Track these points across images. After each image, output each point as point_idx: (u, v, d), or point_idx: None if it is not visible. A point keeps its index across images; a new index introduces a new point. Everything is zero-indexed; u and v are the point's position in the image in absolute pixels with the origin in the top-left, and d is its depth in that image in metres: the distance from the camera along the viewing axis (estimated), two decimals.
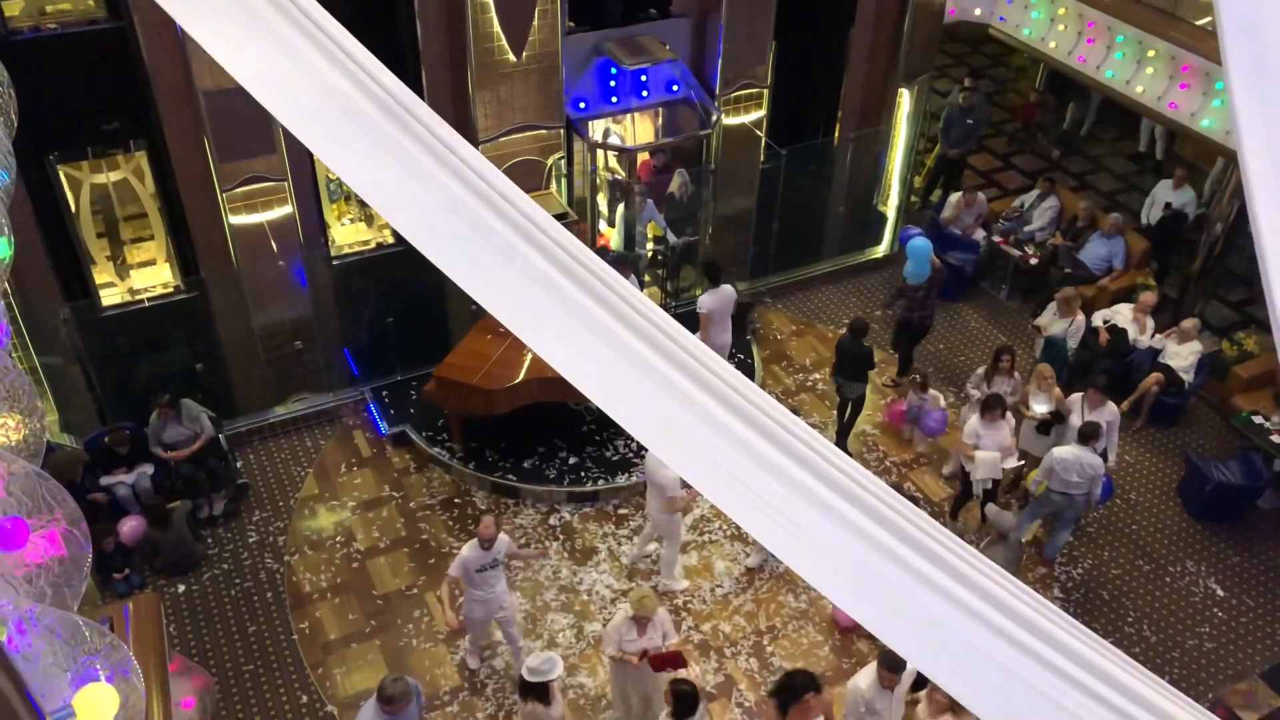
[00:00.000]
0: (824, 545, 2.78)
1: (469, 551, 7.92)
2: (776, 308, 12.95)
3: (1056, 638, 2.75)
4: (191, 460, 9.68)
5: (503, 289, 2.83)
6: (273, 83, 2.85)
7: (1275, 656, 9.17)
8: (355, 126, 2.83)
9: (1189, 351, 11.01)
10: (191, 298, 10.17)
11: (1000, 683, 2.82)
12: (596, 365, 2.86)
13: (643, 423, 2.94)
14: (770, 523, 2.80)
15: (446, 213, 2.80)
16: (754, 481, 2.80)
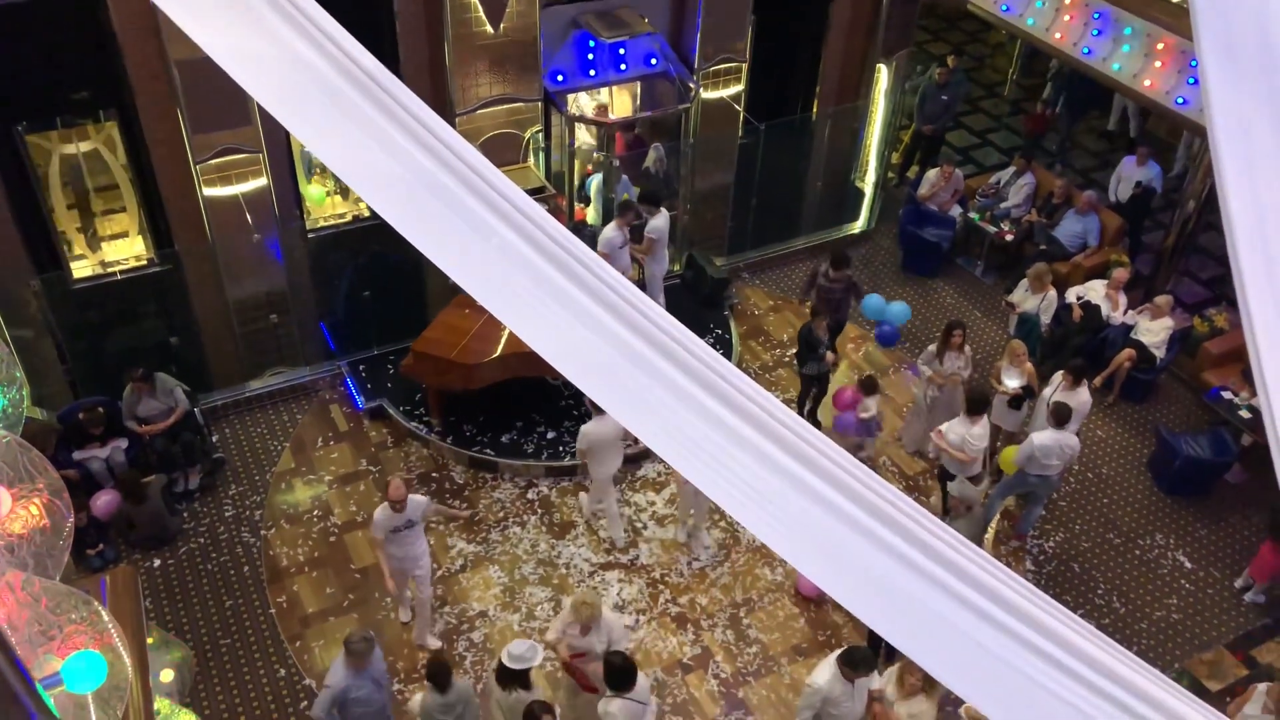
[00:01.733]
0: (795, 519, 2.80)
1: (379, 514, 8.03)
2: (754, 283, 12.97)
3: (1023, 609, 2.80)
4: (166, 434, 9.63)
5: (477, 266, 2.83)
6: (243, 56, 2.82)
7: (1240, 627, 9.35)
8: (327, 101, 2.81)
9: (1161, 328, 11.13)
10: (165, 270, 10.08)
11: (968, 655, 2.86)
12: (571, 341, 2.86)
13: (617, 398, 2.95)
14: (743, 497, 2.82)
15: (420, 189, 2.79)
16: (726, 456, 2.81)
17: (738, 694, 8.56)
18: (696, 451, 2.84)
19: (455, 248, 2.81)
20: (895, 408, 11.31)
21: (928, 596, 2.79)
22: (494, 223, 2.78)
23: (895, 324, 11.11)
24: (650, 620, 9.05)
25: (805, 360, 10.45)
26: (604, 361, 2.84)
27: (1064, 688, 2.80)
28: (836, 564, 2.86)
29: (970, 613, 2.78)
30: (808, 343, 10.35)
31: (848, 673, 6.92)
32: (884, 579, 2.80)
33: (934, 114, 14.18)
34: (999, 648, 2.79)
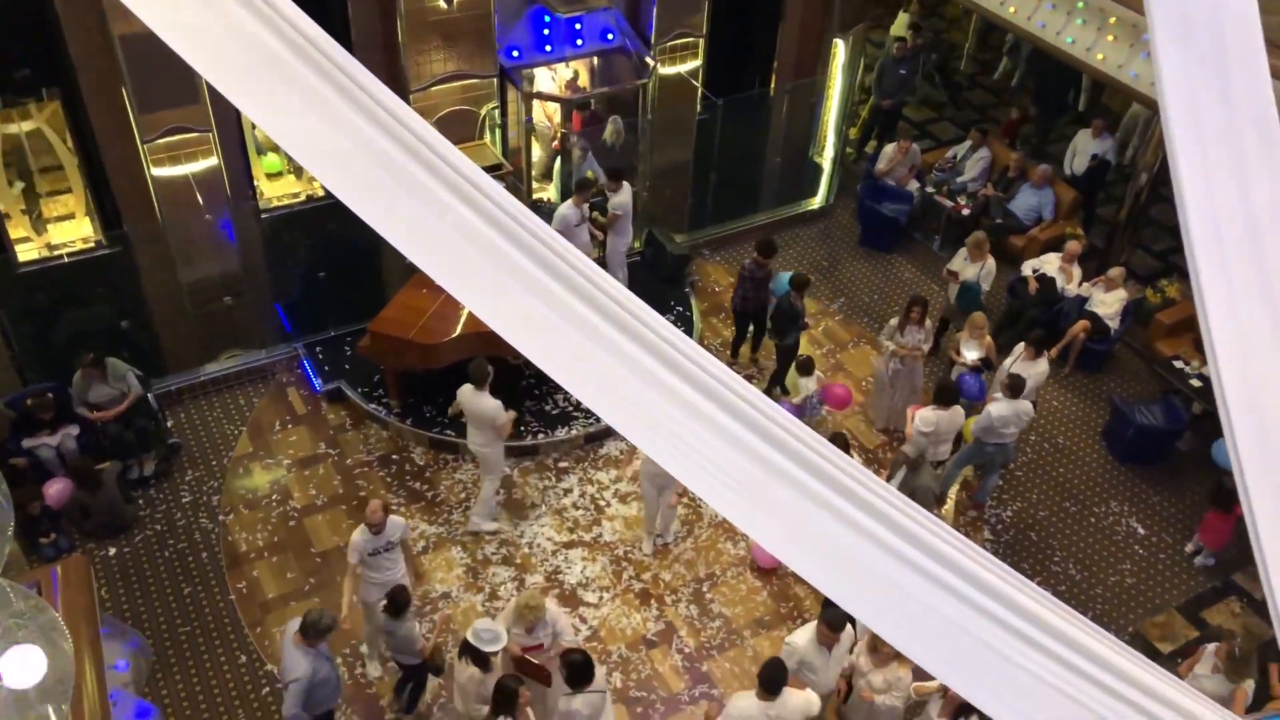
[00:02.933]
0: (755, 492, 2.81)
1: (358, 536, 7.61)
2: (714, 260, 12.97)
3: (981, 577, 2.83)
4: (119, 420, 9.45)
5: (434, 244, 2.79)
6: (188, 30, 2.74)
7: (1191, 590, 9.56)
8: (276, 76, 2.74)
9: (1114, 299, 11.28)
10: (114, 253, 9.87)
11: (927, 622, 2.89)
12: (530, 320, 2.83)
13: (577, 376, 2.93)
14: (704, 472, 2.82)
15: (374, 166, 2.74)
16: (687, 432, 2.81)
17: (701, 668, 8.62)
18: (657, 427, 2.83)
19: (411, 226, 2.77)
20: (854, 381, 11.39)
21: (886, 566, 2.81)
22: (450, 200, 2.74)
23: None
24: (614, 597, 9.07)
25: (786, 331, 10.50)
26: (564, 339, 2.82)
27: (1021, 654, 2.84)
28: (795, 536, 2.87)
29: (929, 581, 2.81)
30: (788, 314, 10.39)
31: (826, 634, 7.01)
32: (843, 549, 2.82)
33: (892, 88, 14.22)
34: (957, 615, 2.82)
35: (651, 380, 2.81)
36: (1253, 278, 3.32)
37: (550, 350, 2.91)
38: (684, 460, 2.86)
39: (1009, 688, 2.90)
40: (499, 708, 6.51)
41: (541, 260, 2.81)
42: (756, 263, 10.64)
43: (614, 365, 2.83)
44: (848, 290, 12.61)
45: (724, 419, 2.80)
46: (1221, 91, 3.29)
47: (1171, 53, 3.28)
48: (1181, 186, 3.29)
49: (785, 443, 2.80)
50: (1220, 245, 3.28)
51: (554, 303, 2.82)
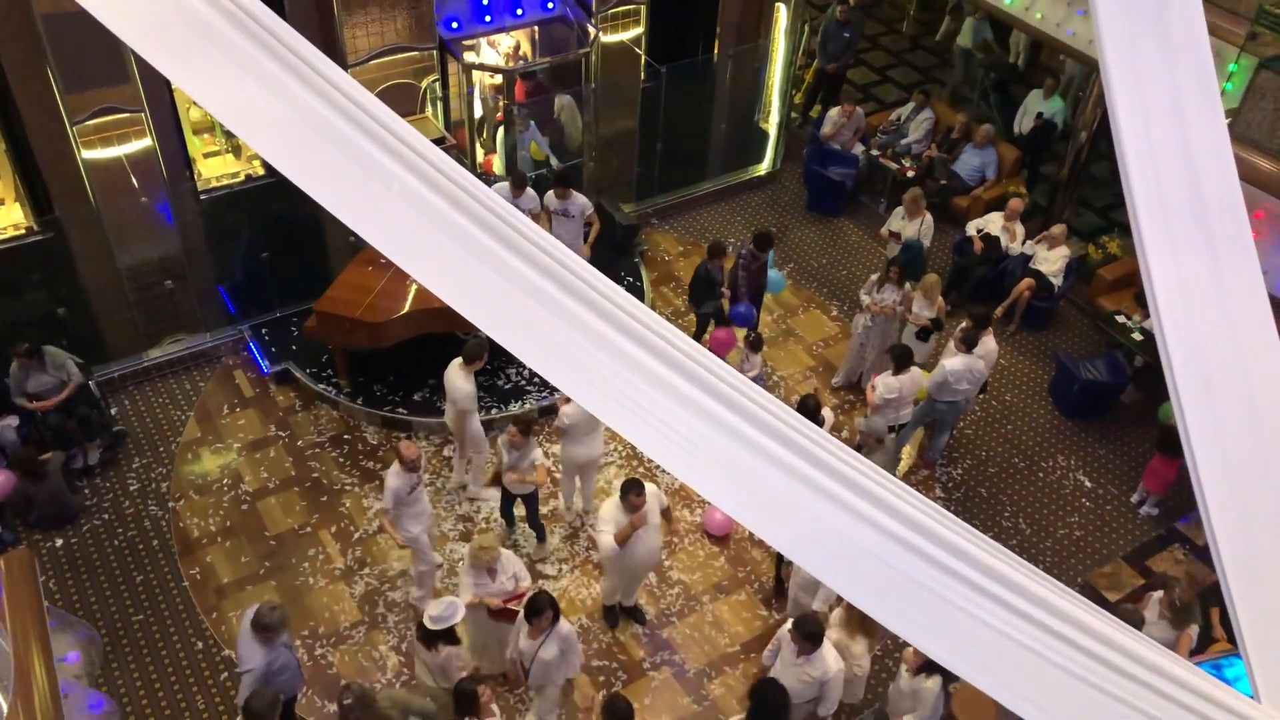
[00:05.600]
0: (710, 453, 2.81)
1: (396, 480, 7.78)
2: (663, 229, 12.95)
3: (937, 533, 2.86)
4: (60, 409, 9.24)
5: (380, 216, 2.74)
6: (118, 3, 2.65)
7: (1136, 540, 9.80)
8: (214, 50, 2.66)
9: (1058, 256, 11.46)
10: (47, 239, 9.60)
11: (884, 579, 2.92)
12: (481, 291, 2.80)
13: (531, 347, 2.91)
14: (661, 438, 2.82)
15: (314, 135, 2.67)
16: (644, 399, 2.80)
17: (662, 634, 8.67)
18: (610, 391, 2.82)
19: (355, 196, 2.71)
20: (806, 346, 11.47)
21: (843, 524, 2.84)
22: (394, 168, 2.69)
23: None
24: (573, 569, 9.09)
25: (702, 299, 10.54)
26: (515, 307, 2.78)
27: (978, 606, 2.89)
28: (751, 496, 2.88)
29: (886, 538, 2.84)
30: (705, 281, 10.43)
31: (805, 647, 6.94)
32: (799, 508, 2.84)
33: (836, 52, 14.23)
34: (914, 571, 2.86)
35: (607, 347, 2.80)
36: (1193, 228, 3.37)
37: (503, 320, 2.88)
38: (642, 425, 2.85)
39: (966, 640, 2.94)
40: (461, 709, 6.50)
41: (491, 229, 2.78)
42: (752, 253, 10.57)
43: (569, 333, 2.81)
44: (796, 255, 12.66)
45: (680, 383, 2.79)
46: (1160, 41, 3.32)
47: (1110, 4, 3.30)
48: (1122, 139, 3.32)
49: (736, 402, 2.81)
50: (1161, 197, 3.33)
51: (505, 272, 2.79)
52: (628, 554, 7.78)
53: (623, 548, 7.69)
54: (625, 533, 7.62)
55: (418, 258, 2.84)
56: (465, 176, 2.83)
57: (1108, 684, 2.90)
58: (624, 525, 7.60)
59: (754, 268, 10.58)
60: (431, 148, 2.81)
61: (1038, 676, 2.92)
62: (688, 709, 8.20)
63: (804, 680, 6.92)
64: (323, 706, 7.99)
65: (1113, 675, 2.90)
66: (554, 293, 2.82)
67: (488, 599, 7.41)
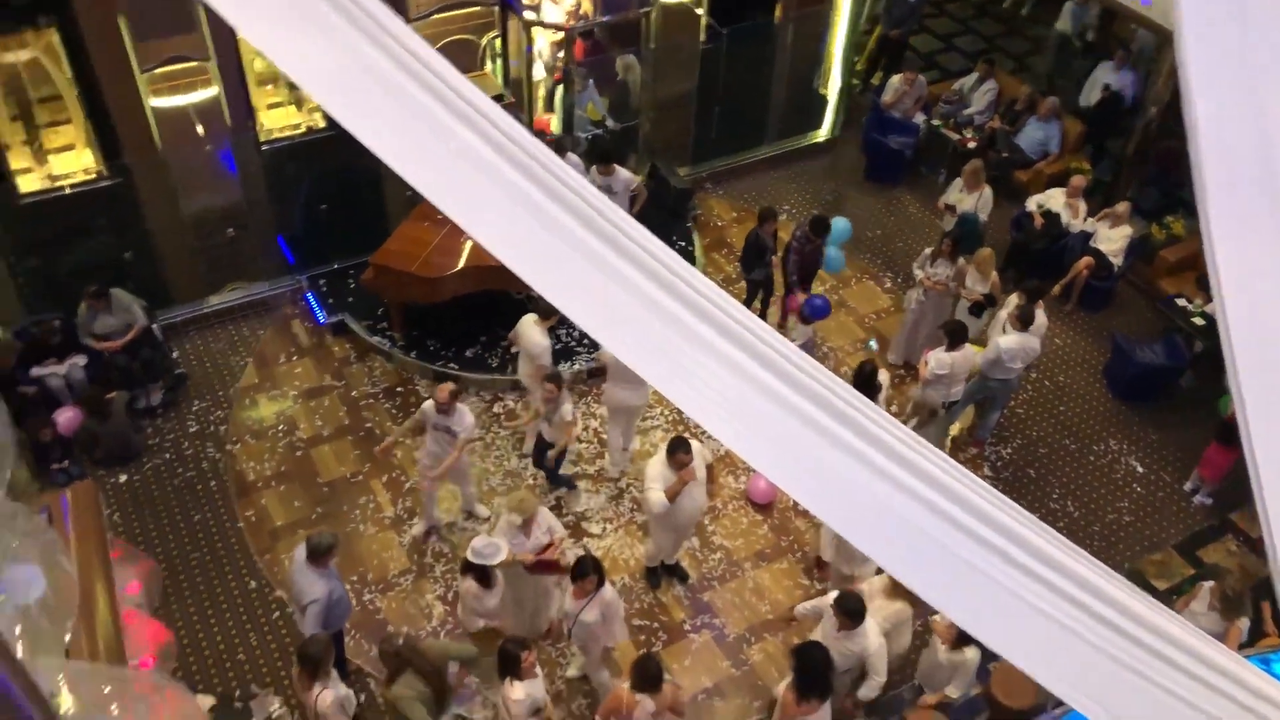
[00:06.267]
0: (758, 422, 2.82)
1: (427, 405, 8.23)
2: (718, 194, 12.89)
3: (983, 510, 2.86)
4: (125, 351, 9.49)
5: (436, 171, 2.76)
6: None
7: (1188, 528, 9.66)
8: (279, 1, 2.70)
9: (1119, 235, 11.22)
10: (115, 184, 9.81)
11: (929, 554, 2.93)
12: (533, 248, 2.82)
13: (581, 306, 2.93)
14: (708, 403, 2.83)
15: (376, 90, 2.70)
16: (692, 363, 2.82)
17: (702, 598, 8.75)
18: (658, 354, 2.83)
19: (411, 150, 2.74)
20: (858, 318, 11.39)
21: (887, 497, 2.84)
22: (453, 124, 2.71)
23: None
24: (617, 529, 9.18)
25: (752, 265, 10.47)
26: (566, 266, 2.80)
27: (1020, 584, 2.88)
28: (796, 465, 2.89)
29: (932, 513, 2.84)
30: (755, 247, 10.36)
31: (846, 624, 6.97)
32: (844, 479, 2.84)
33: (900, 17, 13.97)
34: (958, 547, 2.85)
35: (656, 309, 2.81)
36: (1264, 210, 3.29)
37: (554, 279, 2.90)
38: (689, 389, 2.87)
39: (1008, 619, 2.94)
40: (504, 669, 6.63)
41: (548, 189, 2.79)
42: (807, 236, 10.46)
43: (619, 294, 2.83)
44: (851, 225, 12.50)
45: (728, 348, 2.80)
46: (1241, 16, 3.22)
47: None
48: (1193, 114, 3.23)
49: (785, 370, 2.81)
50: (1231, 176, 3.24)
51: (558, 230, 2.80)
52: (675, 509, 7.84)
53: (671, 504, 7.74)
54: (675, 489, 7.66)
55: (472, 213, 2.86)
56: (523, 134, 2.85)
57: (1153, 671, 2.88)
58: (674, 482, 7.65)
59: (807, 250, 10.46)
60: (491, 104, 2.83)
61: (1080, 659, 2.91)
62: (726, 672, 8.28)
63: (843, 654, 6.95)
64: (369, 650, 8.19)
65: (1157, 662, 2.88)
66: (606, 253, 2.83)
67: (522, 556, 7.51)
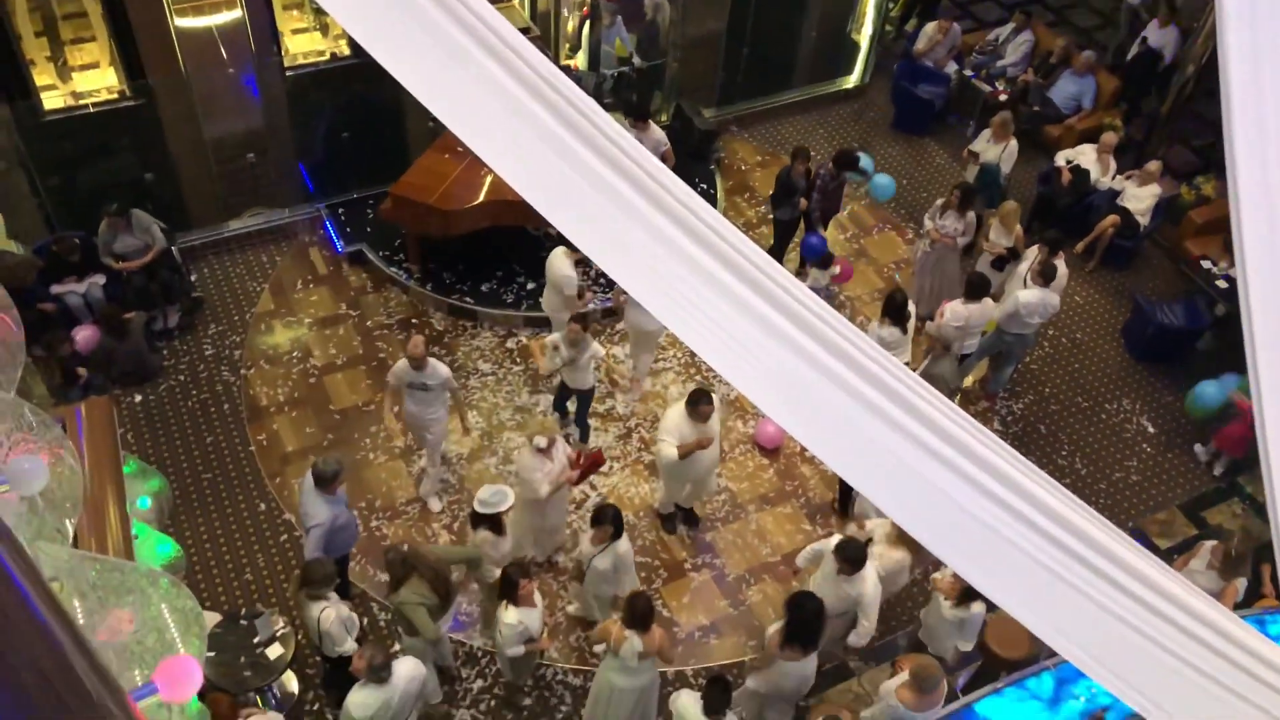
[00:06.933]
0: (772, 369, 2.83)
1: (398, 366, 8.05)
2: (743, 137, 12.76)
3: (990, 461, 2.87)
4: (144, 271, 9.54)
5: (459, 100, 2.75)
6: None
7: (1195, 489, 9.67)
8: None
9: (1148, 194, 11.07)
10: (138, 104, 9.79)
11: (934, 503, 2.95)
12: (554, 184, 2.81)
13: (598, 244, 2.93)
14: (721, 345, 2.84)
15: (401, 15, 2.68)
16: (707, 304, 2.82)
17: (704, 538, 8.84)
18: (674, 294, 2.84)
19: (434, 78, 2.72)
20: (877, 267, 11.32)
21: (897, 446, 2.85)
22: (478, 54, 2.69)
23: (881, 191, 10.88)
24: (624, 467, 9.26)
25: (780, 204, 10.40)
26: (585, 202, 2.80)
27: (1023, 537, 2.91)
28: (806, 411, 2.91)
29: (938, 463, 2.85)
30: (785, 186, 10.27)
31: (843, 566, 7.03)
32: (854, 427, 2.86)
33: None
34: (964, 498, 2.87)
35: (675, 250, 2.80)
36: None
37: (573, 215, 2.90)
38: (702, 330, 2.87)
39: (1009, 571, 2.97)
40: (504, 593, 6.75)
41: (569, 123, 2.77)
42: (831, 173, 10.34)
43: (638, 233, 2.82)
44: None
45: (744, 291, 2.80)
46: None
47: None
48: (1228, 73, 3.18)
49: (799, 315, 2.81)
50: (1262, 138, 3.20)
51: (579, 167, 2.79)
52: (689, 462, 7.89)
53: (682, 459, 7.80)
54: (688, 449, 7.71)
55: (493, 145, 2.85)
56: (548, 68, 2.82)
57: (1147, 625, 2.91)
58: (689, 443, 7.69)
59: (830, 187, 10.38)
60: (517, 36, 2.80)
61: (1077, 612, 2.94)
62: (723, 611, 8.40)
63: (840, 597, 7.04)
64: (375, 575, 8.33)
65: (1153, 617, 2.91)
66: (627, 191, 2.82)
67: (565, 477, 7.68)
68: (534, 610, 6.82)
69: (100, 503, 4.64)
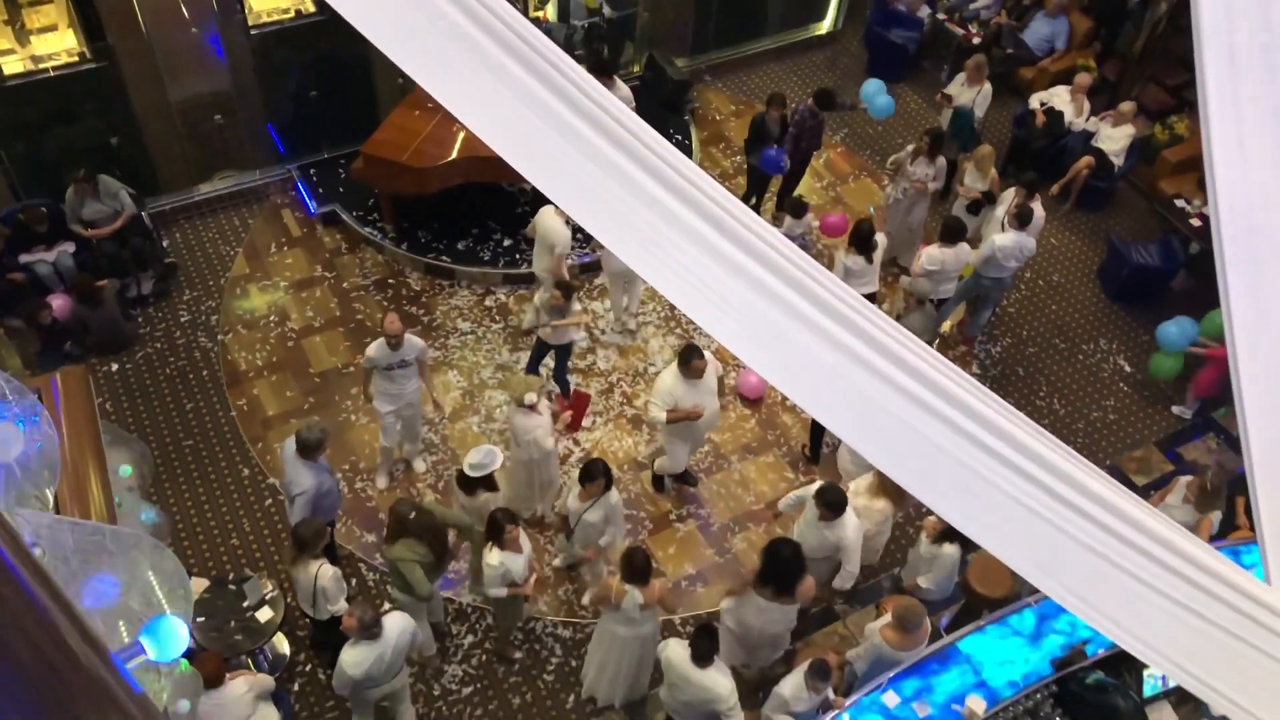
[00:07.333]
0: (752, 319, 2.84)
1: (375, 351, 7.74)
2: (716, 86, 12.65)
3: (968, 403, 2.90)
4: (114, 238, 9.42)
5: (427, 53, 2.71)
6: None
7: (1171, 427, 9.79)
8: None
9: (1122, 135, 11.08)
10: (100, 67, 9.59)
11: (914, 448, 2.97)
12: (527, 138, 2.79)
13: (574, 197, 2.91)
14: (699, 296, 2.84)
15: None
16: (684, 256, 2.81)
17: (689, 489, 8.90)
18: (651, 247, 2.83)
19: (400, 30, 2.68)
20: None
21: (876, 391, 2.87)
22: (441, 3, 2.65)
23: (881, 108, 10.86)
24: (607, 422, 9.28)
25: (755, 151, 10.36)
26: (560, 156, 2.77)
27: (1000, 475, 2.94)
28: (786, 359, 2.92)
29: (917, 407, 2.87)
30: (759, 133, 10.22)
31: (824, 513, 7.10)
32: (833, 373, 2.87)
33: None
34: (942, 439, 2.90)
35: (650, 201, 2.79)
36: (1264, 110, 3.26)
37: (547, 170, 2.87)
38: (680, 282, 2.87)
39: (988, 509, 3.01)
40: (490, 535, 6.79)
41: (542, 76, 2.74)
42: (811, 111, 10.27)
43: (613, 185, 2.81)
44: (851, 120, 12.35)
45: (720, 241, 2.80)
46: None
47: None
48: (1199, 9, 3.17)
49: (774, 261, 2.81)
50: (1233, 74, 3.20)
51: (552, 120, 2.77)
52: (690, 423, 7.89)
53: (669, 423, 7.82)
54: (678, 417, 7.73)
55: (464, 100, 2.82)
56: (518, 20, 2.78)
57: (1126, 560, 2.96)
58: (679, 411, 7.70)
59: (809, 125, 10.32)
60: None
61: (1056, 549, 2.99)
62: (709, 560, 8.49)
63: (821, 542, 7.13)
64: (360, 536, 8.36)
65: (1131, 552, 2.96)
66: (601, 144, 2.80)
67: (564, 424, 7.74)
68: (518, 556, 6.85)
69: (80, 471, 4.63)
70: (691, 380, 7.67)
